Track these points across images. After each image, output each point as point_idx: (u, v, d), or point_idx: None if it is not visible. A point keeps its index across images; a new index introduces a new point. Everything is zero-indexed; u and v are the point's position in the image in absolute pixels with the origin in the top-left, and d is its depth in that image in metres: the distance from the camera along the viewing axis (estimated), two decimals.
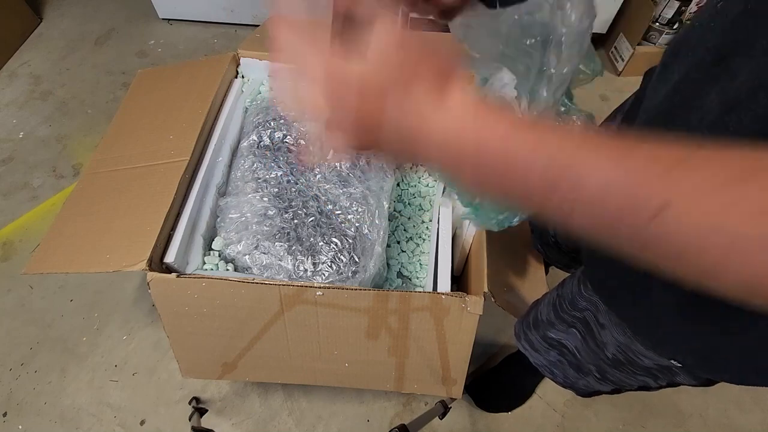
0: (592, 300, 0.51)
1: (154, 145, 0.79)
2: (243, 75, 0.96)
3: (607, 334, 0.50)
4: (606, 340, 0.50)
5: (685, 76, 0.35)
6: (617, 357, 0.50)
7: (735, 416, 0.97)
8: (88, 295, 1.09)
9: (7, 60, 1.56)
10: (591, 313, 0.52)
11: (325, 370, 0.73)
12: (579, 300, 0.53)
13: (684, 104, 0.35)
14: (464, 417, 0.96)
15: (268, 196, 0.77)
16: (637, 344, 0.46)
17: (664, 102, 0.38)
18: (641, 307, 0.42)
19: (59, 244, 0.70)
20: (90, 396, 0.97)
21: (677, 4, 1.35)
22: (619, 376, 0.53)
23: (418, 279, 0.83)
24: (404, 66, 0.26)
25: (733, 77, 0.29)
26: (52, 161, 1.32)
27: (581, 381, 0.60)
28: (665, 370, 0.47)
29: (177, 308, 0.67)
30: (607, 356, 0.51)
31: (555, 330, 0.59)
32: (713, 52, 0.32)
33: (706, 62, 0.33)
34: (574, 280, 0.55)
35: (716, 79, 0.31)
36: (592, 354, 0.54)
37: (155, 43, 1.65)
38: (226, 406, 0.96)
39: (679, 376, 0.47)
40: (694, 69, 0.34)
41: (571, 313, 0.55)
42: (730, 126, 0.29)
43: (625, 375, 0.52)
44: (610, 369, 0.53)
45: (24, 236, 1.18)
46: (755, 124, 0.28)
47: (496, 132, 0.23)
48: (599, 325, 0.51)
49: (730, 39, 0.30)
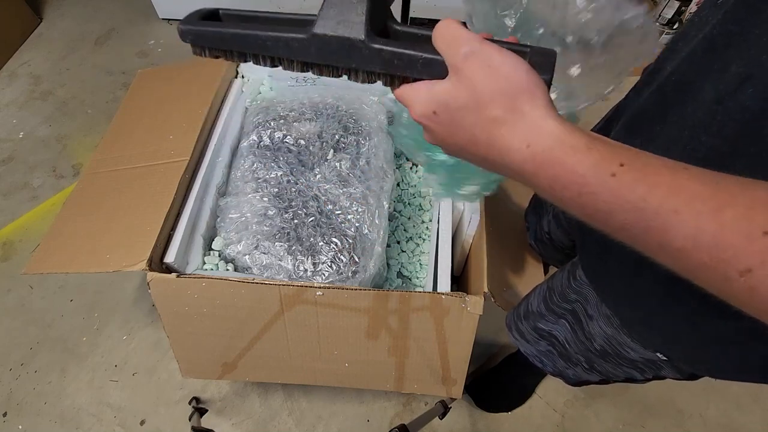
0: (582, 292, 0.52)
1: (154, 145, 0.79)
2: (243, 75, 0.96)
3: (594, 325, 0.51)
4: (594, 332, 0.51)
5: (678, 66, 0.35)
6: (605, 348, 0.51)
7: (735, 416, 0.97)
8: (88, 295, 1.09)
9: (7, 60, 1.56)
10: (580, 305, 0.53)
11: (325, 370, 0.73)
12: (569, 292, 0.54)
13: (678, 94, 0.35)
14: (464, 417, 0.96)
15: (268, 196, 0.77)
16: (623, 336, 0.47)
17: (656, 92, 0.38)
18: (631, 297, 0.43)
19: (59, 244, 0.70)
20: (90, 396, 0.97)
21: (677, 4, 1.35)
22: (606, 367, 0.54)
23: (418, 279, 0.83)
24: (491, 84, 0.25)
25: (725, 68, 0.29)
26: (52, 161, 1.32)
27: (570, 370, 0.61)
28: (650, 363, 0.48)
29: (177, 308, 0.67)
30: (595, 347, 0.53)
31: (545, 321, 0.60)
32: (706, 43, 0.32)
33: (699, 54, 0.33)
34: (564, 273, 0.56)
35: (710, 70, 0.31)
36: (581, 345, 0.55)
37: (155, 43, 1.65)
38: (226, 406, 0.96)
39: (663, 369, 0.47)
40: (687, 60, 0.34)
41: (560, 305, 0.56)
42: (718, 115, 0.29)
43: (612, 366, 0.53)
44: (598, 359, 0.54)
45: (24, 236, 1.18)
46: (741, 115, 0.28)
47: (575, 176, 0.22)
48: (588, 317, 0.52)
49: (724, 30, 0.30)
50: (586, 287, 0.51)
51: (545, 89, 0.25)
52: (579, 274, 0.51)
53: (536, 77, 0.25)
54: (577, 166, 0.22)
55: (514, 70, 0.25)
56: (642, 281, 0.40)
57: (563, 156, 0.22)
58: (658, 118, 0.37)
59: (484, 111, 0.25)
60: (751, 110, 0.27)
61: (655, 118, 0.38)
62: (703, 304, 0.22)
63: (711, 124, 0.30)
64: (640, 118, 0.41)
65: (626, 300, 0.44)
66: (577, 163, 0.22)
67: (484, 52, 0.25)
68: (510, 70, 0.25)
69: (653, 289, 0.39)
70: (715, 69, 0.31)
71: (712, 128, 0.30)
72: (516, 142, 0.24)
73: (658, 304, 0.40)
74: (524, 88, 0.24)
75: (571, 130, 0.23)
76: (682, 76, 0.35)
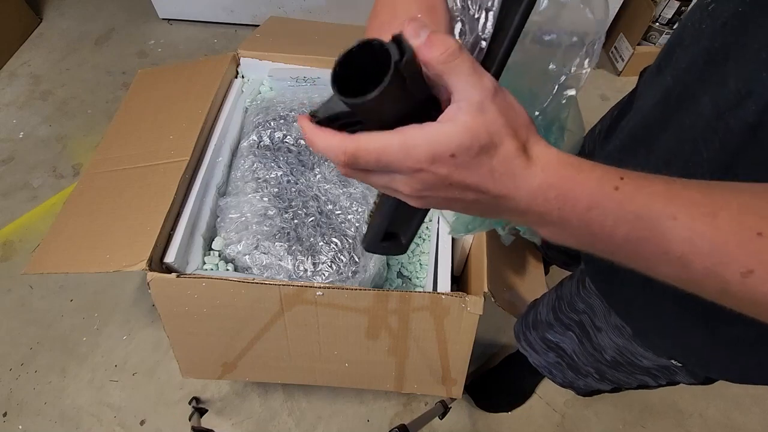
0: (589, 302, 0.51)
1: (154, 145, 0.79)
2: (243, 75, 0.96)
3: (604, 337, 0.50)
4: (603, 344, 0.51)
5: (678, 78, 0.35)
6: (616, 359, 0.50)
7: (735, 416, 0.97)
8: (88, 295, 1.09)
9: (7, 60, 1.56)
10: (587, 317, 0.52)
11: (325, 370, 0.73)
12: (577, 301, 0.53)
13: (678, 106, 0.35)
14: (464, 417, 0.96)
15: (268, 196, 0.77)
16: (635, 345, 0.46)
17: (659, 103, 0.38)
18: (642, 305, 0.42)
19: (59, 244, 0.70)
20: (90, 396, 0.97)
21: (677, 4, 1.35)
22: (618, 376, 0.53)
23: (418, 279, 0.83)
24: (494, 123, 0.23)
25: (724, 82, 0.29)
26: (52, 161, 1.32)
27: (580, 381, 0.61)
28: (664, 370, 0.47)
29: (177, 308, 0.67)
30: (606, 359, 0.52)
31: (553, 332, 0.59)
32: (705, 55, 0.32)
33: (699, 65, 0.33)
34: (573, 281, 0.55)
35: (708, 83, 0.31)
36: (590, 357, 0.54)
37: (155, 43, 1.65)
38: (226, 406, 0.96)
39: (678, 375, 0.47)
40: (687, 71, 0.34)
41: (568, 315, 0.55)
42: (719, 131, 0.29)
43: (624, 375, 0.52)
44: (609, 370, 0.53)
45: (24, 236, 1.18)
46: (743, 130, 0.28)
47: (583, 192, 0.22)
48: (595, 329, 0.51)
49: (722, 43, 0.30)
50: (594, 297, 0.50)
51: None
52: (588, 283, 0.51)
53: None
54: (585, 182, 0.22)
55: (516, 101, 0.24)
56: (653, 286, 0.39)
57: (573, 173, 0.23)
58: (656, 128, 0.37)
59: (502, 148, 0.23)
60: (752, 126, 0.27)
61: (657, 129, 0.38)
62: (716, 308, 0.22)
63: (712, 139, 0.30)
64: (643, 129, 0.40)
65: (637, 307, 0.43)
66: (585, 180, 0.22)
67: (502, 89, 0.24)
68: (516, 101, 0.24)
69: (664, 294, 0.38)
70: (714, 82, 0.30)
71: (714, 143, 0.30)
72: (531, 171, 0.23)
73: (671, 310, 0.39)
74: (527, 117, 0.24)
75: (566, 153, 0.24)
76: (680, 88, 0.35)
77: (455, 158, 0.22)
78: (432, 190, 0.24)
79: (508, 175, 0.23)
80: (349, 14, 1.58)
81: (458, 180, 0.23)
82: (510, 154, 0.23)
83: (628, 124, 0.44)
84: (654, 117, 0.38)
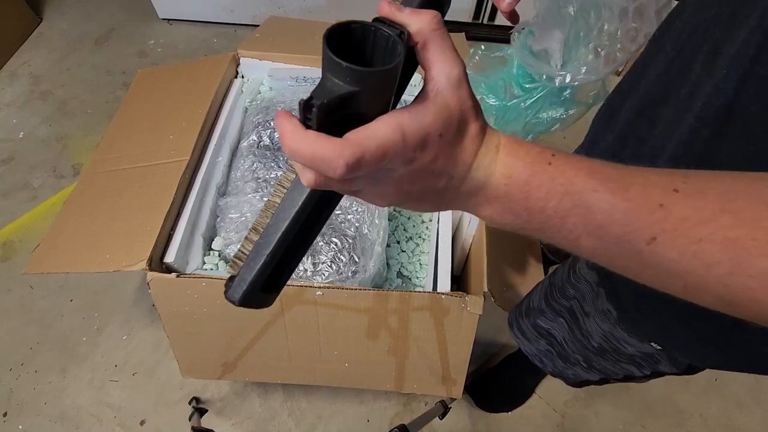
0: (579, 287, 0.52)
1: (154, 145, 0.79)
2: (243, 75, 0.96)
3: (591, 322, 0.51)
4: (591, 329, 0.52)
5: (649, 89, 0.40)
6: (602, 345, 0.52)
7: (735, 416, 0.97)
8: (88, 295, 1.09)
9: (7, 60, 1.56)
10: (577, 302, 0.53)
11: (325, 370, 0.73)
12: (567, 287, 0.55)
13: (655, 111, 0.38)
14: (464, 417, 0.96)
15: (268, 196, 0.77)
16: (620, 331, 0.47)
17: (650, 90, 0.40)
18: (625, 280, 0.44)
19: (59, 244, 0.70)
20: (90, 396, 0.97)
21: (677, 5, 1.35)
22: (604, 365, 0.55)
23: (417, 279, 0.83)
24: (467, 101, 0.23)
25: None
26: (52, 161, 1.32)
27: (569, 371, 0.62)
28: (648, 358, 0.48)
29: (177, 308, 0.67)
30: (593, 345, 0.53)
31: (544, 318, 0.61)
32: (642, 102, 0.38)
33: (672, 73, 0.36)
34: (565, 267, 0.57)
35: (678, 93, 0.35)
36: (578, 344, 0.56)
37: (155, 43, 1.65)
38: (226, 406, 0.96)
39: (661, 363, 0.48)
40: (658, 80, 0.39)
41: (559, 301, 0.57)
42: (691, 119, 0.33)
43: (610, 363, 0.54)
44: (596, 358, 0.55)
45: (24, 236, 1.18)
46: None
47: (525, 167, 0.24)
48: (584, 314, 0.52)
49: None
50: (583, 282, 0.51)
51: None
52: (579, 268, 0.52)
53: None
54: (526, 157, 0.24)
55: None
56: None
57: (517, 148, 0.24)
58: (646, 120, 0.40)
59: (471, 126, 0.24)
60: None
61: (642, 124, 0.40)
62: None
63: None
64: (630, 119, 0.43)
65: (622, 284, 0.45)
66: (525, 155, 0.24)
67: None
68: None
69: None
70: (683, 94, 0.34)
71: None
72: (489, 149, 0.24)
73: (649, 289, 0.40)
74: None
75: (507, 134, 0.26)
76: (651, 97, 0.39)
77: (442, 138, 0.22)
78: (417, 181, 0.23)
79: (474, 154, 0.24)
80: (349, 14, 1.58)
81: (442, 163, 0.23)
82: (476, 132, 0.24)
83: (620, 118, 0.45)
84: (647, 107, 0.41)
